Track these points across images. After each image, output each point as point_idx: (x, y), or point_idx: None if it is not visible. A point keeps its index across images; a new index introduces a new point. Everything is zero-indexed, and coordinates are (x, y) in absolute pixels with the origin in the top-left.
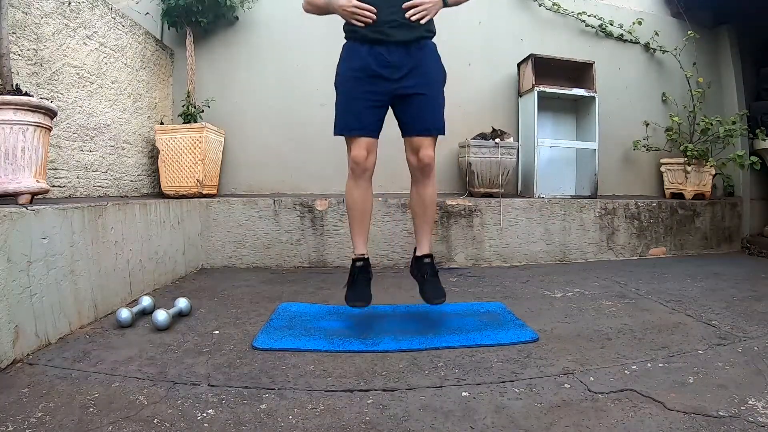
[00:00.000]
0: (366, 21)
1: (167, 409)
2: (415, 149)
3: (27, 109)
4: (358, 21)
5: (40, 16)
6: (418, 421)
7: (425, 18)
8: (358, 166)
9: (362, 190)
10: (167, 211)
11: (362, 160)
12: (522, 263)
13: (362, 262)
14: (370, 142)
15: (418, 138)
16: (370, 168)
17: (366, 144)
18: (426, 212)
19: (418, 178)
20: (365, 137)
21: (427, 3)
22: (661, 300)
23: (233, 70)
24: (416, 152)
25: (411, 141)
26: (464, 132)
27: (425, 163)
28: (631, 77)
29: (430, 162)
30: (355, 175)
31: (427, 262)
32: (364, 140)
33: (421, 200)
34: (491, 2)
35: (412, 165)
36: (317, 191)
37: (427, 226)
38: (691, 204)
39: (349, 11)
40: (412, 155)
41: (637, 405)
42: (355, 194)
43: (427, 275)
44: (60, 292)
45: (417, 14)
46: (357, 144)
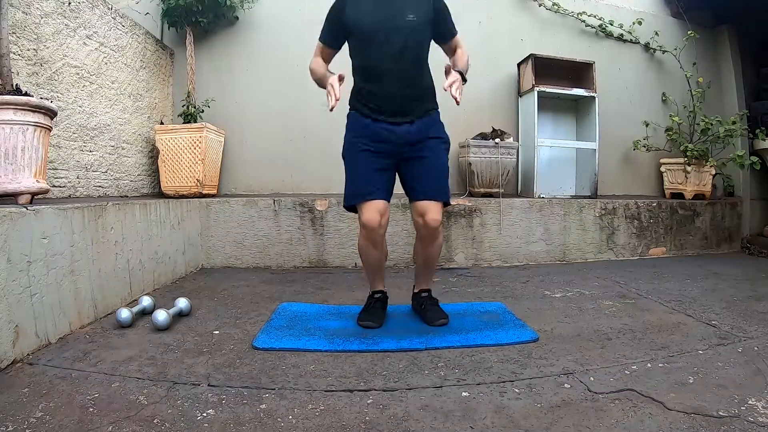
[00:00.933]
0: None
1: (167, 409)
2: (422, 213)
3: (27, 109)
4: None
5: (40, 16)
6: (418, 421)
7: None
8: (373, 231)
9: (378, 249)
10: (167, 211)
11: (375, 224)
12: (522, 263)
13: (380, 294)
14: (380, 204)
15: (425, 203)
16: (384, 229)
17: (377, 208)
18: (429, 265)
19: (423, 238)
20: (376, 200)
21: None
22: (661, 300)
23: (233, 70)
24: (422, 216)
25: (417, 206)
26: (464, 132)
27: (432, 227)
28: (631, 77)
29: (437, 226)
30: (370, 239)
31: (425, 295)
32: (375, 204)
33: (427, 256)
34: (491, 2)
35: (419, 226)
36: (317, 191)
37: (428, 274)
38: (691, 204)
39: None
40: (419, 218)
41: (637, 405)
42: (371, 254)
43: (427, 305)
44: (60, 292)
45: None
46: (368, 208)
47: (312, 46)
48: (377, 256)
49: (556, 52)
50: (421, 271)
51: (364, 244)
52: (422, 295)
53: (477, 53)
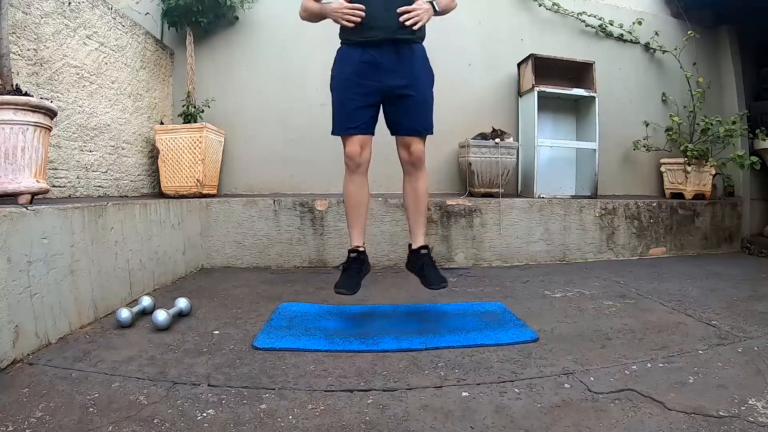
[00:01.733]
0: (355, 20)
1: (167, 409)
2: (406, 145)
3: (27, 109)
4: (349, 21)
5: (40, 16)
6: (418, 421)
7: (418, 24)
8: (353, 161)
9: (357, 184)
10: (167, 211)
11: (356, 155)
12: (522, 263)
13: (357, 253)
14: (363, 138)
15: (410, 137)
16: (364, 163)
17: (359, 141)
18: (419, 204)
19: (410, 172)
20: (358, 135)
21: (420, 10)
22: (661, 300)
23: (233, 70)
24: (407, 148)
25: (402, 139)
26: (464, 132)
27: (416, 156)
28: (631, 77)
29: (421, 155)
30: (350, 169)
31: (425, 253)
32: (358, 137)
33: (415, 193)
34: (491, 2)
35: (404, 160)
36: (317, 191)
37: (422, 219)
38: (691, 204)
39: (340, 13)
40: (404, 151)
41: (637, 405)
42: (351, 188)
43: (426, 265)
44: (60, 292)
45: (410, 20)
46: (351, 141)
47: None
48: (358, 194)
49: (556, 52)
50: (414, 219)
51: (346, 178)
52: (422, 252)
53: (477, 53)
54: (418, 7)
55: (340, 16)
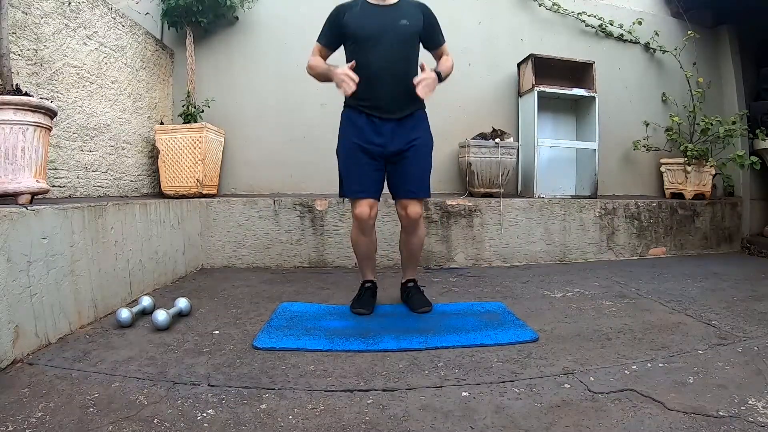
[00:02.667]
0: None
1: (167, 409)
2: (404, 207)
3: (27, 109)
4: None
5: (40, 16)
6: (418, 421)
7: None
8: (363, 222)
9: (368, 237)
10: (167, 211)
11: (366, 217)
12: (522, 263)
13: (371, 283)
14: (372, 200)
15: (408, 200)
16: (373, 220)
17: (368, 203)
18: (412, 253)
19: (406, 228)
20: (367, 198)
21: (429, 79)
22: (661, 300)
23: (233, 70)
24: (405, 209)
25: (401, 202)
26: (464, 132)
27: (413, 219)
28: (631, 77)
29: (417, 218)
30: (361, 228)
31: (411, 285)
32: (366, 201)
33: (410, 245)
34: (491, 2)
35: (402, 218)
36: (317, 191)
37: (413, 263)
38: (691, 204)
39: (339, 78)
40: (402, 211)
41: (637, 405)
42: (362, 241)
43: (412, 294)
44: (60, 292)
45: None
46: (360, 204)
47: (312, 45)
48: (367, 245)
49: (556, 52)
50: (406, 262)
51: (355, 234)
52: (408, 285)
53: (477, 53)
54: (428, 76)
55: (338, 82)
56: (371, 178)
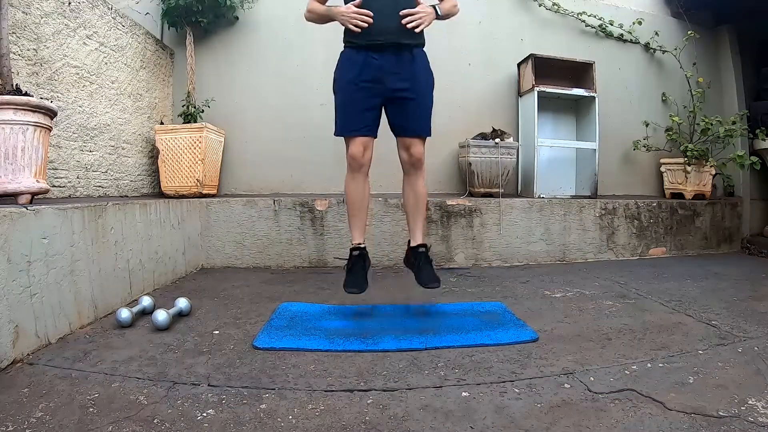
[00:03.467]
0: (362, 25)
1: (167, 409)
2: (407, 147)
3: (27, 109)
4: (356, 26)
5: (40, 16)
6: (418, 421)
7: (420, 27)
8: (355, 161)
9: (359, 183)
10: (167, 211)
11: (359, 156)
12: (522, 263)
13: (359, 251)
14: (366, 140)
15: (411, 138)
16: (366, 164)
17: (362, 142)
18: (419, 204)
19: (409, 172)
20: (362, 137)
21: (422, 13)
22: (661, 300)
23: (233, 70)
24: (408, 149)
25: (403, 141)
26: (464, 132)
27: (416, 158)
28: (631, 77)
29: (420, 157)
30: (353, 169)
31: (422, 251)
32: (360, 139)
33: (414, 193)
34: (491, 2)
35: (404, 160)
36: (317, 191)
37: (421, 218)
38: (691, 204)
39: (348, 16)
40: (404, 152)
41: (637, 405)
42: (352, 187)
43: (422, 263)
44: (60, 292)
45: (413, 23)
46: (354, 142)
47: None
48: (359, 191)
49: (556, 52)
50: (413, 217)
51: (348, 179)
52: (419, 250)
53: (477, 53)
54: (421, 10)
55: (347, 20)
56: (367, 117)
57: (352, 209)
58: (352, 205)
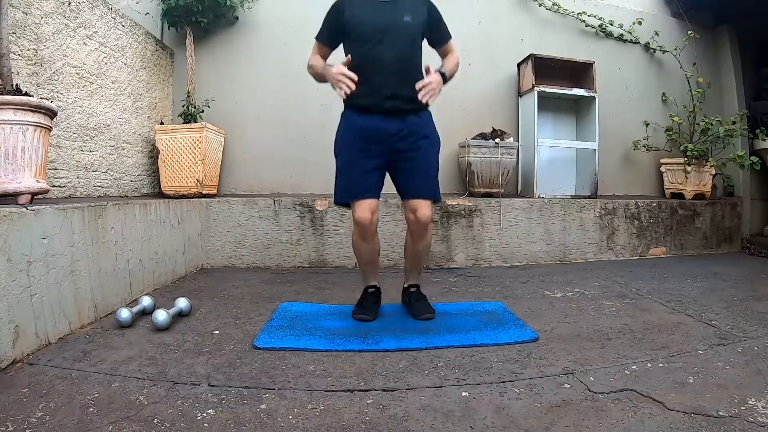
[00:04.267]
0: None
1: (167, 409)
2: (413, 210)
3: (27, 109)
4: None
5: (40, 16)
6: (418, 421)
7: (433, 99)
8: (365, 227)
9: (370, 243)
10: (167, 211)
11: (366, 221)
12: (522, 263)
13: (374, 289)
14: (372, 203)
15: (417, 201)
16: (375, 225)
17: (369, 206)
18: (417, 259)
19: (414, 233)
20: (368, 200)
21: (434, 84)
22: (661, 300)
23: (233, 70)
24: (414, 212)
25: (410, 203)
26: (464, 132)
27: (423, 222)
28: (631, 77)
29: (427, 221)
30: (362, 234)
31: (413, 291)
32: (367, 202)
33: (415, 251)
34: (491, 2)
35: (410, 221)
36: (317, 191)
37: (418, 267)
38: (691, 204)
39: (336, 79)
40: (410, 214)
41: (637, 405)
42: (364, 248)
43: (413, 299)
44: (60, 292)
45: (428, 96)
46: (360, 207)
47: (312, 46)
48: (369, 250)
49: (556, 52)
50: (410, 266)
51: (357, 239)
52: (411, 290)
53: (477, 53)
54: (433, 80)
55: (335, 83)
56: (371, 179)
57: (364, 263)
58: (363, 260)
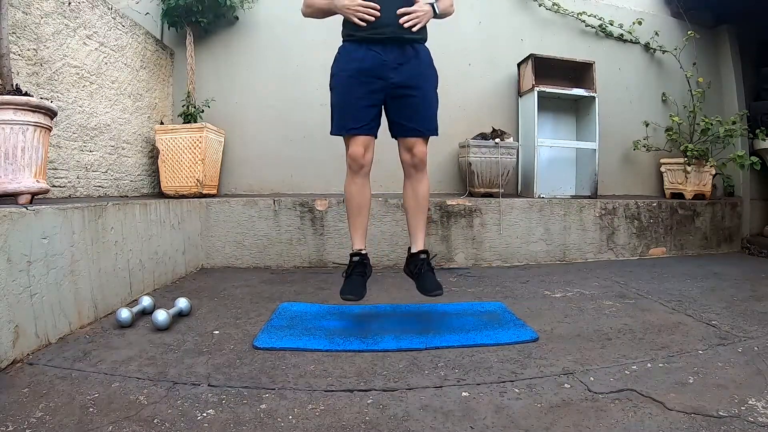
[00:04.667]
0: (369, 19)
1: (167, 409)
2: (409, 147)
3: (27, 109)
4: (362, 19)
5: (40, 16)
6: (418, 421)
7: (417, 26)
8: (356, 163)
9: (359, 186)
10: (167, 211)
11: (359, 157)
12: (522, 263)
13: (359, 257)
14: (367, 139)
15: (413, 138)
16: (367, 164)
17: (363, 141)
18: (420, 207)
19: (411, 174)
20: (362, 135)
21: (420, 12)
22: (661, 300)
23: (233, 70)
24: (410, 150)
25: (405, 141)
26: (464, 132)
27: (419, 158)
28: (631, 77)
29: (423, 157)
30: (353, 171)
31: (423, 258)
32: (361, 138)
33: (416, 195)
34: (491, 2)
35: (406, 162)
36: (317, 191)
37: (422, 222)
38: (691, 204)
39: (352, 9)
40: (406, 153)
41: (637, 405)
42: (353, 189)
43: (423, 270)
44: (60, 292)
45: (411, 22)
46: (354, 142)
47: (312, 45)
48: (359, 194)
49: (556, 52)
50: (414, 222)
51: (348, 181)
52: (420, 257)
53: (477, 53)
54: (419, 8)
55: (352, 13)
56: (367, 114)
57: (353, 213)
58: (352, 208)
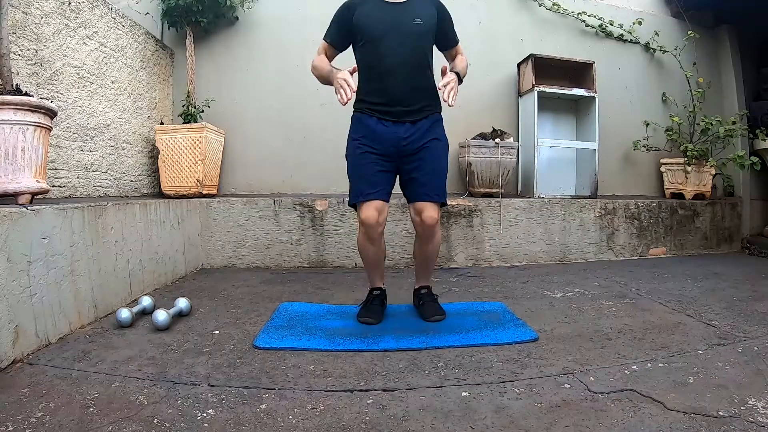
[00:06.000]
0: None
1: (167, 409)
2: (419, 212)
3: (27, 109)
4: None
5: (40, 16)
6: (418, 421)
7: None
8: (371, 228)
9: (376, 246)
10: (167, 211)
11: (373, 221)
12: (522, 263)
13: (379, 291)
14: (380, 204)
15: (423, 203)
16: (381, 226)
17: (376, 206)
18: (428, 261)
19: (421, 236)
20: (374, 200)
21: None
22: (661, 300)
23: (233, 70)
24: (419, 214)
25: (415, 206)
26: (464, 132)
27: (428, 224)
28: (631, 77)
29: (433, 224)
30: (368, 235)
31: (424, 292)
32: (374, 202)
33: (423, 252)
34: (491, 2)
35: (417, 225)
36: (317, 191)
37: (428, 270)
38: (691, 204)
39: (336, 84)
40: (417, 217)
41: (637, 405)
42: (370, 249)
43: (425, 301)
44: (60, 292)
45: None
46: (367, 206)
47: (312, 45)
48: (375, 253)
49: (556, 52)
50: (420, 269)
51: (362, 241)
52: (422, 292)
53: (477, 53)
54: (452, 78)
55: (336, 88)
56: (381, 179)
57: (370, 266)
58: (369, 263)
